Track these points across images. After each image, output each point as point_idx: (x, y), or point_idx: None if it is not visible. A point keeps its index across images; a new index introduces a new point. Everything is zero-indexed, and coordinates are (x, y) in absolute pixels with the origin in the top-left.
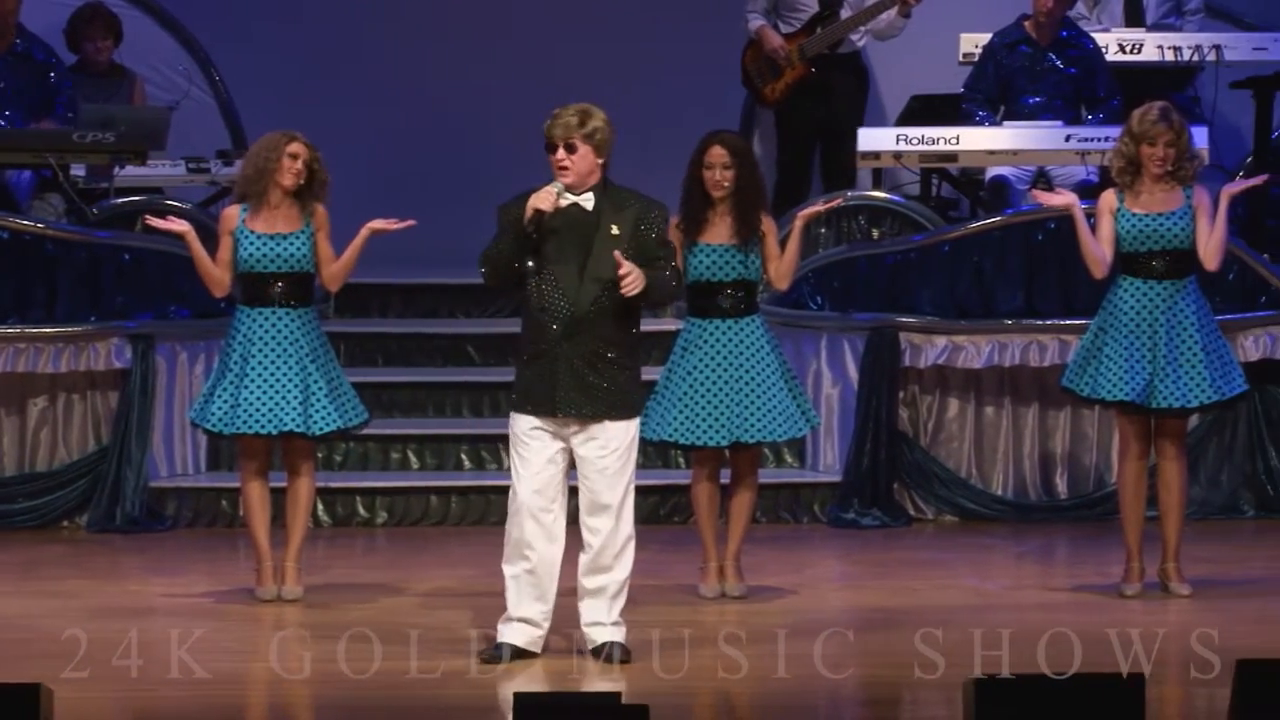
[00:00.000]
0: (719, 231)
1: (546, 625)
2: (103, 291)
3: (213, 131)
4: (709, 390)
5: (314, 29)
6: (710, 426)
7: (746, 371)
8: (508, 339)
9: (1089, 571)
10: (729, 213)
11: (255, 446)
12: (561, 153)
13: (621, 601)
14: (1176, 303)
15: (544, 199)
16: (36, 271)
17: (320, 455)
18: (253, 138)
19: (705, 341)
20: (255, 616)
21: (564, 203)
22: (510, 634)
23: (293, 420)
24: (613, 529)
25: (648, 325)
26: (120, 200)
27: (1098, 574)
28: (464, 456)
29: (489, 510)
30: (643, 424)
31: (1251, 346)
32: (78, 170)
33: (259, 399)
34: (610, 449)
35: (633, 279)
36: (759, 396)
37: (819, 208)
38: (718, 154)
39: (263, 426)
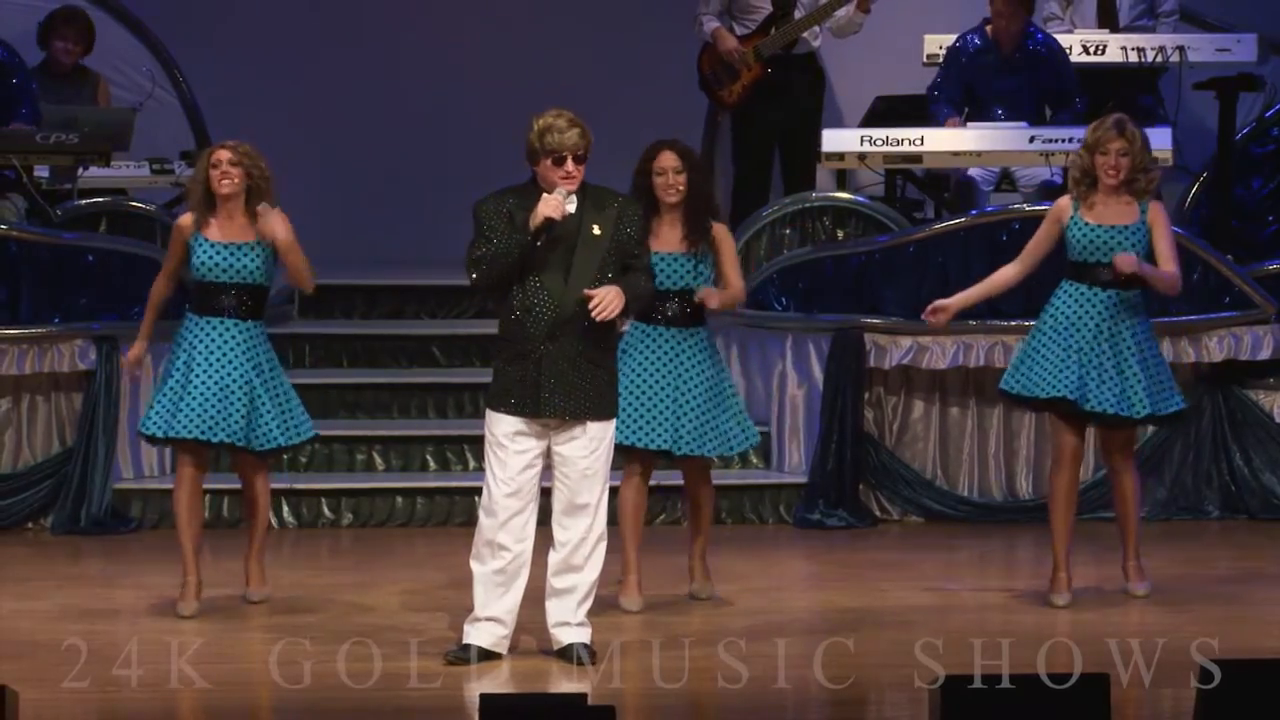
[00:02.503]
0: (669, 239)
1: (512, 625)
2: (67, 293)
3: (177, 133)
4: (644, 395)
5: (277, 29)
6: (643, 429)
7: (684, 383)
8: (473, 340)
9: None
10: (679, 220)
11: (192, 453)
12: (572, 165)
13: (589, 603)
14: (1117, 313)
15: (554, 208)
16: (0, 273)
17: (286, 456)
18: (217, 139)
19: (647, 347)
20: (224, 618)
21: (571, 208)
22: (476, 635)
23: (234, 433)
24: (587, 529)
25: None
26: (84, 201)
27: None
28: (429, 458)
29: (454, 511)
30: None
31: (1216, 347)
32: (41, 171)
33: (200, 406)
34: (592, 449)
35: (605, 306)
36: (691, 410)
37: (714, 304)
38: (669, 159)
39: (201, 433)
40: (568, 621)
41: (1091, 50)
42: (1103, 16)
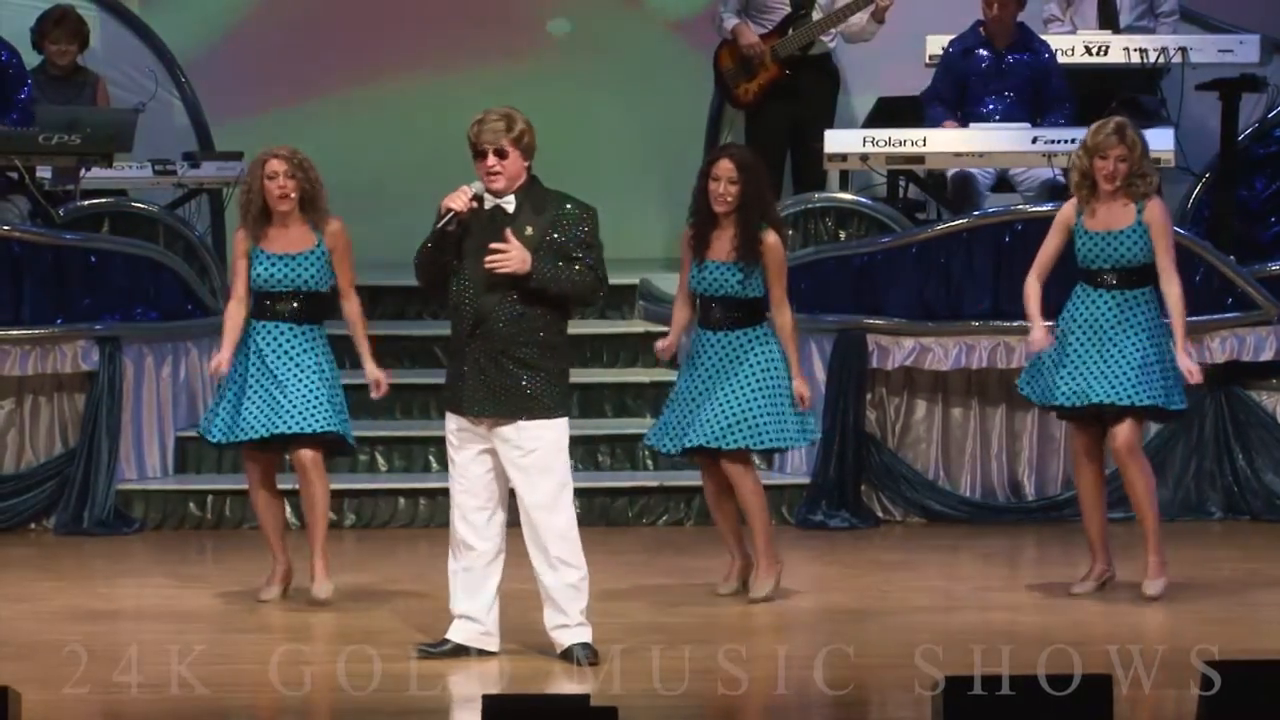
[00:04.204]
0: (719, 248)
1: (489, 623)
2: (69, 294)
3: (179, 134)
4: (689, 398)
5: (282, 28)
6: (682, 433)
7: (725, 382)
8: None
9: (1055, 573)
10: (732, 228)
11: (256, 454)
12: (492, 159)
13: (580, 602)
14: (1124, 312)
15: (456, 198)
16: (2, 274)
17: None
18: (220, 140)
19: (698, 353)
20: (228, 620)
21: (484, 204)
22: (452, 630)
23: (287, 423)
24: (545, 529)
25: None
26: (87, 202)
27: (1063, 575)
28: (432, 458)
29: None
30: (652, 434)
31: (1219, 348)
32: (44, 172)
33: (258, 407)
34: (526, 449)
35: (503, 257)
36: (723, 405)
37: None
38: (724, 168)
39: (258, 432)
40: (563, 624)
41: (1094, 51)
42: (1103, 18)
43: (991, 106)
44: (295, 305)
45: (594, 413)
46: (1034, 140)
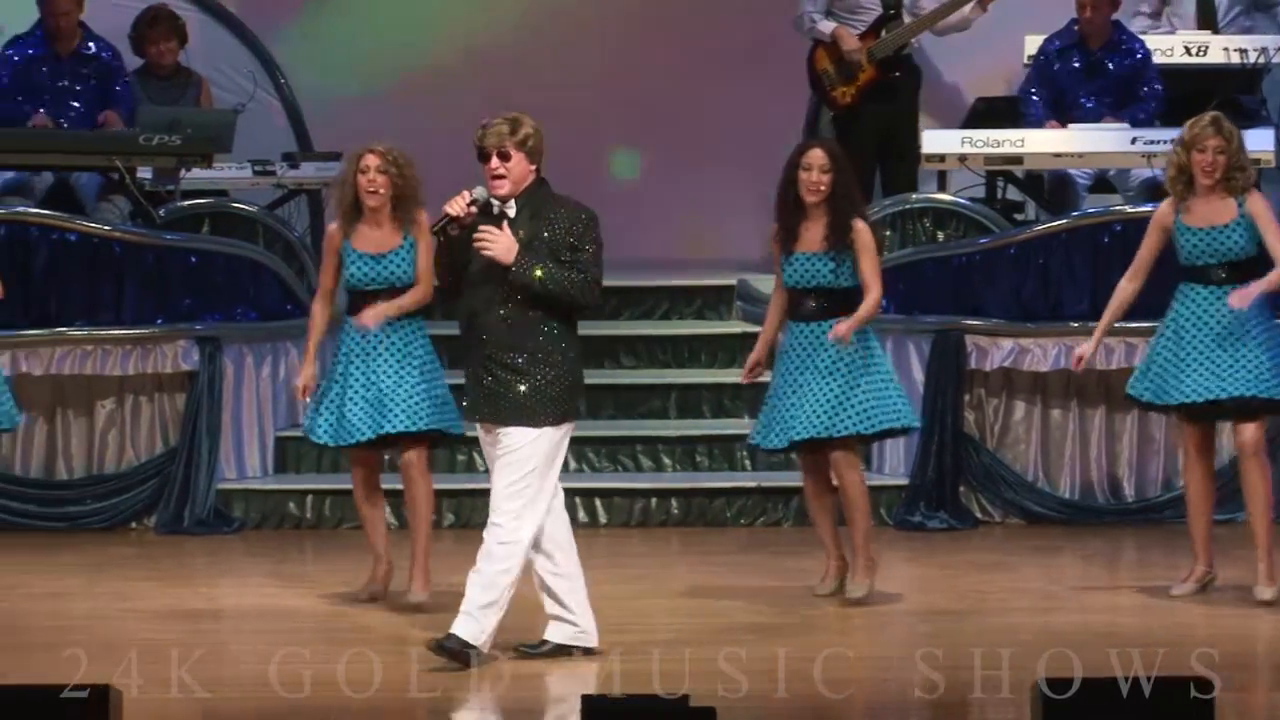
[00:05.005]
0: (809, 239)
1: (586, 621)
2: (170, 294)
3: (279, 134)
4: (785, 393)
5: (379, 29)
6: (782, 429)
7: (818, 374)
8: (588, 341)
9: (1155, 575)
10: (823, 218)
11: (360, 455)
12: (495, 161)
13: (486, 597)
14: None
15: (455, 202)
16: (104, 274)
17: (386, 457)
18: (318, 140)
19: (791, 346)
20: (327, 621)
21: (492, 209)
22: (548, 631)
23: (391, 423)
24: (499, 520)
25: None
26: (187, 203)
27: (1164, 578)
28: None
29: None
30: (755, 433)
31: None
32: (144, 173)
33: (360, 409)
34: (507, 447)
35: (490, 238)
36: (821, 396)
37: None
38: (816, 157)
39: (364, 435)
40: (463, 609)
41: (1193, 51)
42: (1202, 17)
43: (1088, 107)
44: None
45: (692, 413)
46: (1133, 141)
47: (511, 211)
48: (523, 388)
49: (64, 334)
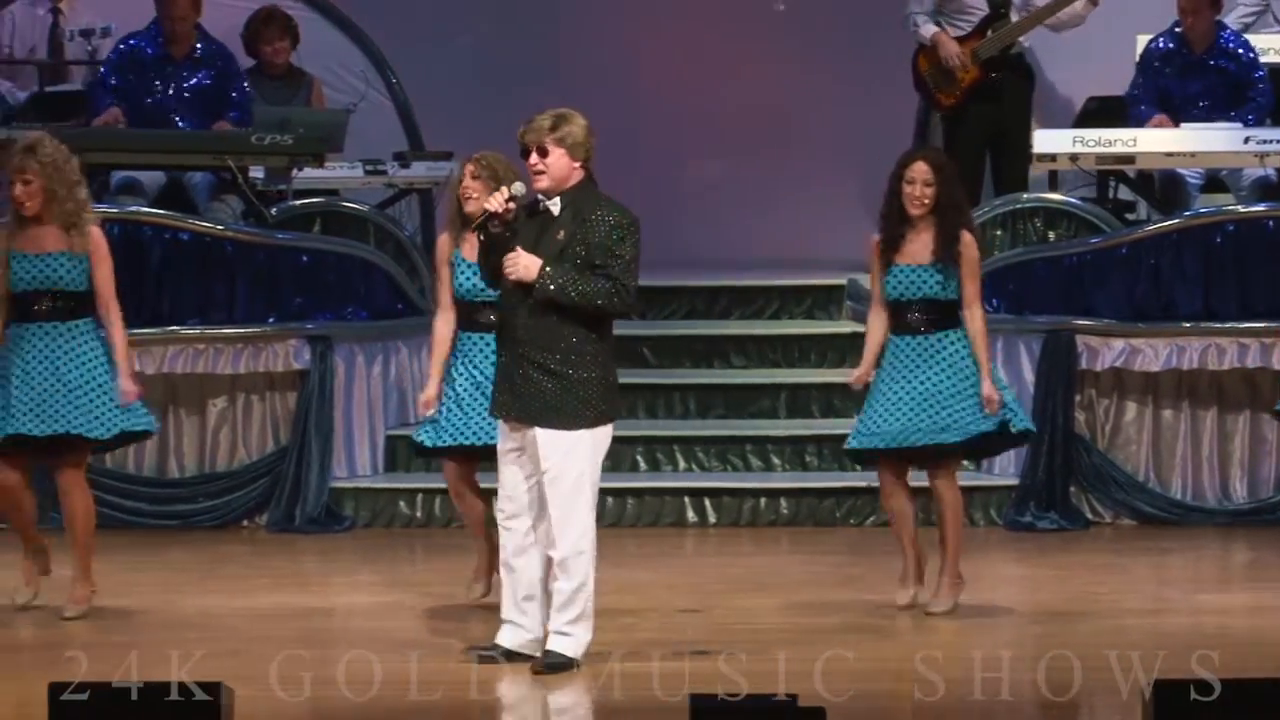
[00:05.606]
0: (916, 251)
1: (538, 631)
2: (282, 293)
3: (390, 134)
4: (882, 402)
5: (490, 29)
6: (872, 434)
7: (920, 385)
8: (681, 340)
9: (1268, 577)
10: (929, 230)
11: (456, 459)
12: (534, 157)
13: (570, 613)
14: None
15: (494, 199)
16: (216, 273)
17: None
18: (430, 140)
19: (894, 357)
20: (436, 620)
21: (538, 206)
22: (501, 635)
23: (489, 435)
24: (560, 537)
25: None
26: (299, 202)
27: (1277, 580)
28: (639, 458)
29: (664, 511)
30: (854, 438)
31: None
32: (256, 172)
33: (462, 417)
34: (543, 455)
35: (512, 261)
36: (922, 406)
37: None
38: (920, 170)
39: (466, 439)
40: (551, 629)
41: None
42: None
43: (1195, 110)
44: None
45: (801, 413)
46: (1246, 140)
47: (555, 208)
48: (556, 388)
49: (176, 333)
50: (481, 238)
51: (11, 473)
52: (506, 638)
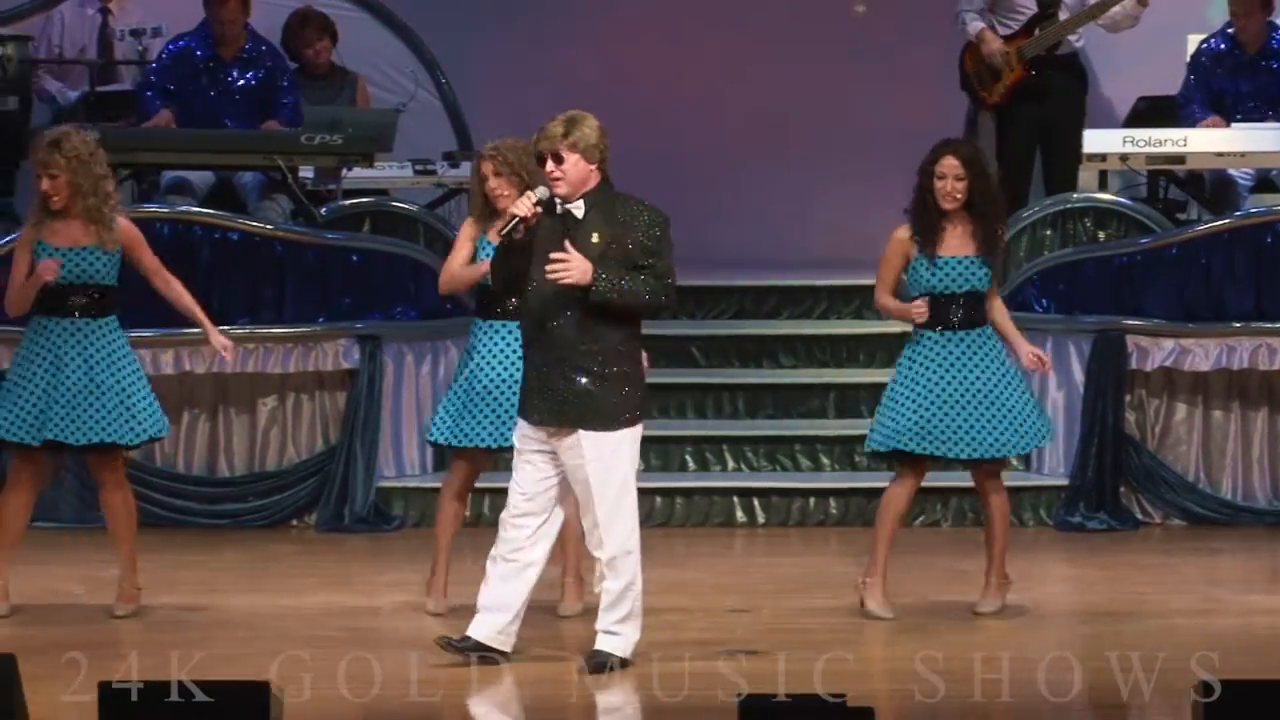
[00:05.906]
0: (950, 243)
1: (509, 618)
2: (331, 292)
3: (439, 133)
4: (921, 400)
5: (538, 29)
6: (937, 437)
7: (965, 387)
8: (732, 340)
9: None
10: (964, 223)
11: (468, 459)
12: (550, 164)
13: (618, 613)
14: None
15: (521, 203)
16: (266, 273)
17: None
18: (479, 139)
19: (933, 352)
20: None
21: (555, 208)
22: (475, 626)
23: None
24: (603, 540)
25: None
26: (348, 202)
27: None
28: (688, 457)
29: (713, 511)
30: (870, 433)
31: None
32: (306, 172)
33: (482, 414)
34: (587, 458)
35: (564, 267)
36: (968, 413)
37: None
38: (950, 164)
39: (482, 440)
40: (599, 628)
41: None
42: None
43: (1247, 106)
44: (514, 304)
45: (850, 413)
46: None
47: (579, 212)
48: (598, 388)
49: (226, 332)
50: (504, 242)
51: (31, 479)
52: (478, 629)
